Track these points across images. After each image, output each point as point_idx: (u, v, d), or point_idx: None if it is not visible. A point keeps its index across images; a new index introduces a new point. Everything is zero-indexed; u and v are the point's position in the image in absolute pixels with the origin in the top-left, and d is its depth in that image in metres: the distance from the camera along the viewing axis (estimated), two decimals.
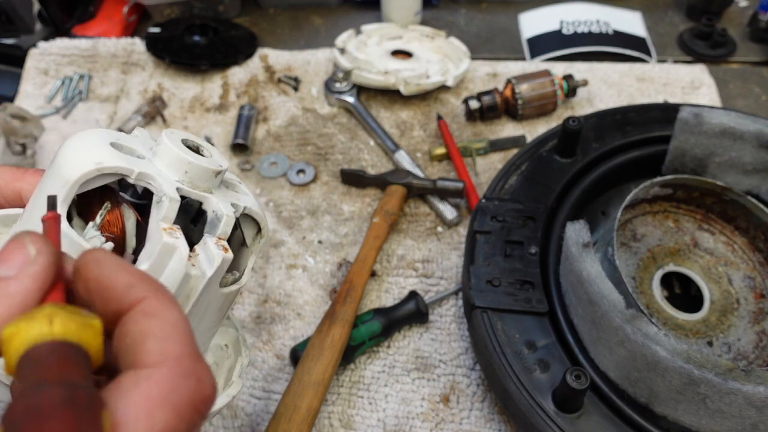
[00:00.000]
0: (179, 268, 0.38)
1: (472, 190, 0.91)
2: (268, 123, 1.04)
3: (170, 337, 0.28)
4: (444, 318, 0.81)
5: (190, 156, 0.41)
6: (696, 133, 0.76)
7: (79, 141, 0.39)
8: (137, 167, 0.39)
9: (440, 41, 1.13)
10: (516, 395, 0.62)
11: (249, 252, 0.48)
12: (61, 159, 0.38)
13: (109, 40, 1.15)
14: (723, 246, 0.80)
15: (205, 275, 0.40)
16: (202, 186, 0.42)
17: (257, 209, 0.46)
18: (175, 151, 0.41)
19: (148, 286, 0.29)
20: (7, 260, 0.29)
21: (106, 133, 0.41)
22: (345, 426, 0.73)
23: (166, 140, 0.41)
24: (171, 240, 0.38)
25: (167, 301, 0.29)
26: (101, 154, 0.38)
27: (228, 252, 0.41)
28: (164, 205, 0.39)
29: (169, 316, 0.29)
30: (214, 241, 0.41)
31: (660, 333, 0.58)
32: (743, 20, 1.19)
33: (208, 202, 0.43)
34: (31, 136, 0.96)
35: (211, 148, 0.44)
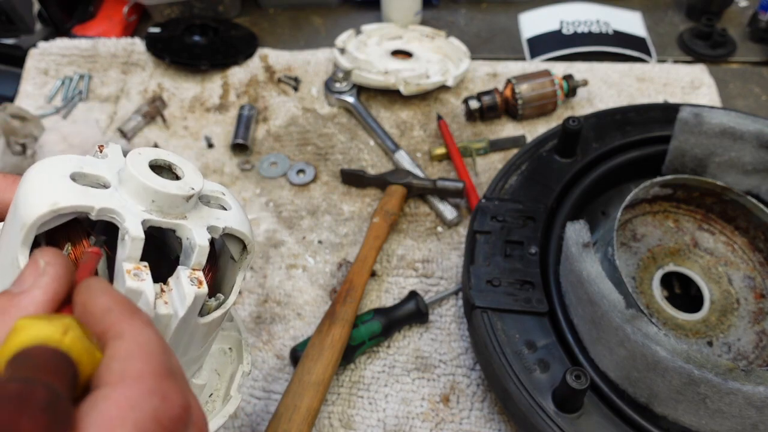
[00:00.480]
0: (147, 312, 0.36)
1: (472, 190, 0.91)
2: (268, 123, 1.04)
3: (133, 356, 0.28)
4: (444, 318, 0.81)
5: (156, 183, 0.38)
6: (696, 133, 0.76)
7: (36, 176, 0.36)
8: (97, 203, 0.36)
9: (440, 41, 1.13)
10: (516, 395, 0.62)
11: (237, 268, 0.46)
12: (20, 198, 0.36)
13: (109, 40, 1.15)
14: (723, 246, 0.80)
15: (177, 314, 0.38)
16: (174, 212, 0.39)
17: (240, 227, 0.43)
18: (140, 179, 0.38)
19: (124, 310, 0.30)
20: (21, 278, 0.31)
21: (67, 162, 0.38)
22: (345, 426, 0.73)
23: (129, 167, 0.38)
24: (135, 284, 0.36)
25: (138, 322, 0.30)
26: (57, 192, 0.35)
27: (202, 286, 0.39)
28: (127, 244, 0.36)
29: (137, 336, 0.29)
30: (188, 273, 0.39)
31: (660, 333, 0.58)
32: (743, 20, 1.19)
33: (181, 229, 0.40)
34: (31, 136, 0.96)
35: (185, 166, 0.41)
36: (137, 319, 0.30)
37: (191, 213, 0.41)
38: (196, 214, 0.41)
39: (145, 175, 0.38)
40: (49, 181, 0.36)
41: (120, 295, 0.31)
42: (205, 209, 0.42)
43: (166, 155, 0.41)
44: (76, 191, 0.36)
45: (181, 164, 0.41)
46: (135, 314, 0.30)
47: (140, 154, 0.39)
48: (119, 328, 0.29)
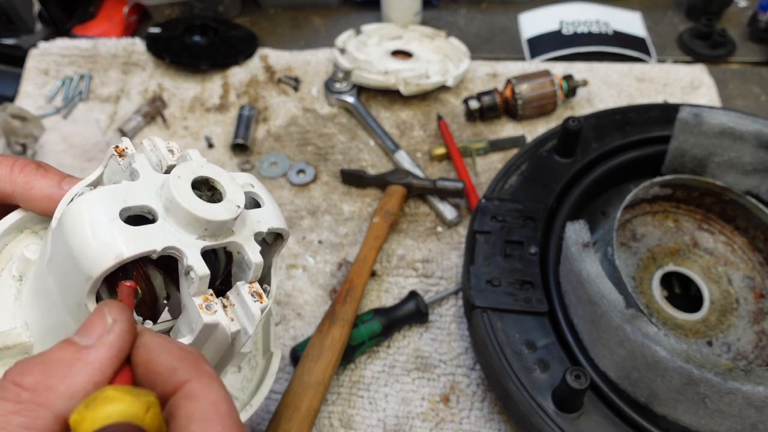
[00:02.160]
0: (222, 337, 0.38)
1: (472, 190, 0.91)
2: (268, 123, 1.04)
3: (210, 419, 0.29)
4: (444, 318, 0.81)
5: (206, 213, 0.38)
6: (696, 134, 0.77)
7: (89, 223, 0.35)
8: (158, 244, 0.36)
9: (440, 41, 1.13)
10: (516, 395, 0.62)
11: (272, 252, 0.47)
12: (76, 248, 0.35)
13: (109, 40, 1.15)
14: (723, 246, 0.80)
15: (247, 332, 0.40)
16: (223, 232, 0.40)
17: (278, 223, 0.44)
18: (191, 212, 0.37)
19: (189, 367, 0.31)
20: (87, 330, 0.31)
21: (112, 198, 0.36)
22: (345, 426, 0.73)
23: (177, 197, 0.37)
24: (211, 319, 0.37)
25: (208, 380, 0.30)
26: (118, 242, 0.35)
27: (263, 300, 0.40)
28: (195, 281, 0.37)
29: (210, 396, 0.30)
30: (248, 290, 0.40)
31: (660, 333, 0.58)
32: (743, 20, 1.19)
33: (232, 246, 0.41)
34: (31, 136, 0.96)
35: (222, 178, 0.40)
36: (205, 377, 0.30)
37: (236, 225, 0.41)
38: (241, 224, 0.41)
39: (195, 206, 0.37)
40: (104, 228, 0.35)
41: (181, 349, 0.31)
42: (244, 215, 0.42)
43: (202, 170, 0.40)
44: (135, 236, 0.36)
45: (217, 176, 0.40)
46: (201, 371, 0.30)
47: (180, 178, 0.38)
48: (190, 388, 0.30)
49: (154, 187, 0.38)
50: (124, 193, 0.37)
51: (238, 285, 0.41)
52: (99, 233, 0.35)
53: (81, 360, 0.30)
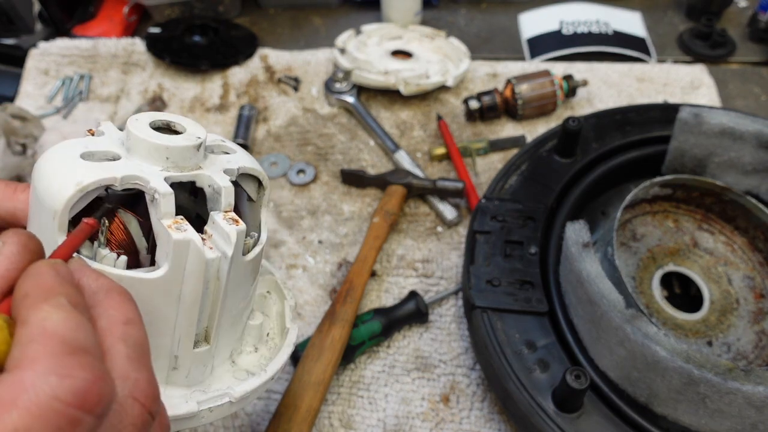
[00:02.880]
0: (199, 258, 0.38)
1: (472, 190, 0.91)
2: (268, 123, 1.04)
3: (32, 341, 0.28)
4: (444, 318, 0.81)
5: (165, 141, 0.39)
6: (696, 134, 0.77)
7: (50, 164, 0.37)
8: (118, 172, 0.37)
9: (440, 41, 1.13)
10: (516, 395, 0.62)
11: (258, 206, 0.48)
12: (41, 188, 0.37)
13: (109, 40, 1.15)
14: (723, 246, 0.80)
15: (226, 255, 0.40)
16: (189, 165, 0.41)
17: (251, 164, 0.45)
18: (149, 141, 0.39)
19: (37, 294, 0.30)
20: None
21: (73, 144, 0.39)
22: (345, 426, 0.73)
23: (134, 132, 0.39)
24: (181, 236, 0.37)
25: (47, 306, 0.29)
26: (77, 172, 0.36)
27: (239, 224, 0.40)
28: (159, 202, 0.38)
29: (42, 321, 0.29)
30: (221, 216, 0.40)
31: (660, 333, 0.58)
32: (743, 20, 1.19)
33: (201, 178, 0.41)
34: (31, 136, 0.96)
35: (183, 121, 0.42)
36: (47, 304, 0.29)
37: (204, 163, 0.42)
38: (209, 162, 0.42)
39: (152, 135, 0.39)
40: (64, 164, 0.37)
41: (45, 278, 0.31)
42: (214, 157, 0.43)
43: (161, 115, 0.41)
44: (95, 168, 0.37)
45: (178, 120, 0.42)
46: (47, 299, 0.30)
47: (138, 120, 0.40)
48: (25, 314, 0.29)
49: (118, 141, 0.40)
50: (87, 141, 0.39)
51: (212, 214, 0.40)
52: (59, 169, 0.37)
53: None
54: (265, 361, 0.49)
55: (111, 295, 0.33)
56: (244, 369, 0.48)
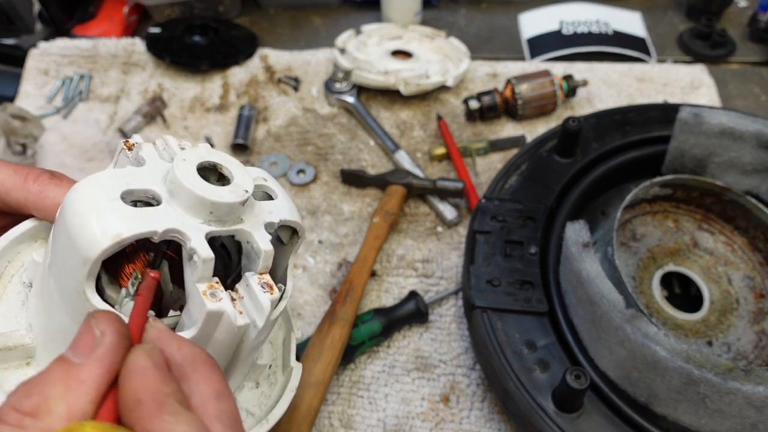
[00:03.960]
0: (229, 326, 0.37)
1: (472, 190, 0.91)
2: (268, 123, 1.04)
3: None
4: (444, 318, 0.81)
5: (212, 195, 0.36)
6: (695, 134, 0.77)
7: (88, 203, 0.34)
8: (159, 225, 0.35)
9: (440, 41, 1.13)
10: (516, 395, 0.62)
11: (288, 252, 0.45)
12: (74, 227, 0.34)
13: (109, 40, 1.15)
14: (722, 246, 0.80)
15: (256, 325, 0.38)
16: (231, 218, 0.38)
17: (292, 215, 0.42)
18: (195, 193, 0.36)
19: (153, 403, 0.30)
20: (77, 345, 0.31)
21: (113, 180, 0.35)
22: (345, 426, 0.73)
23: (181, 180, 0.36)
24: (215, 306, 0.35)
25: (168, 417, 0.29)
26: (117, 222, 0.34)
27: (274, 291, 0.38)
28: (198, 266, 0.35)
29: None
30: (257, 280, 0.38)
31: (660, 333, 0.58)
32: (743, 20, 1.19)
33: (241, 233, 0.39)
34: (31, 136, 0.97)
35: (231, 164, 0.39)
36: (166, 413, 0.29)
37: (245, 214, 0.39)
38: (250, 212, 0.40)
39: (200, 186, 0.36)
40: (104, 209, 0.34)
41: (151, 379, 0.30)
42: (256, 205, 0.41)
43: (209, 155, 0.38)
44: (135, 217, 0.34)
45: (225, 162, 0.39)
46: (163, 407, 0.30)
47: (185, 161, 0.37)
48: (149, 427, 0.29)
49: (160, 174, 0.37)
50: (127, 176, 0.36)
51: (246, 275, 0.39)
52: (98, 212, 0.33)
53: (74, 378, 0.30)
54: (265, 399, 0.47)
55: (197, 366, 0.32)
56: (244, 408, 0.46)
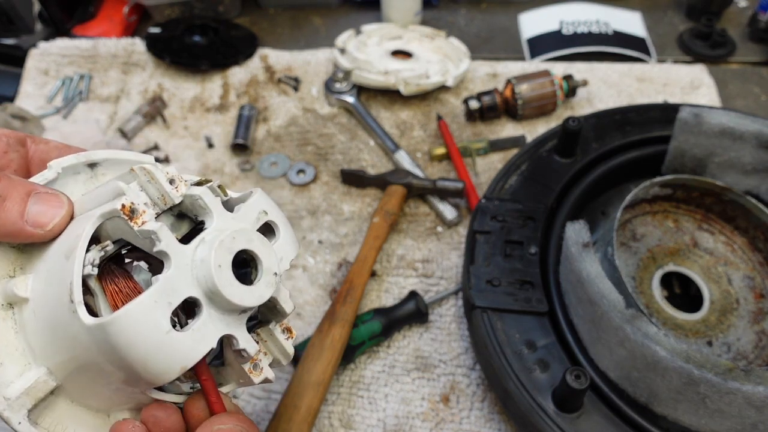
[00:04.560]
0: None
1: (472, 190, 0.91)
2: (268, 123, 1.04)
3: None
4: (444, 318, 0.81)
5: (251, 299, 0.38)
6: (696, 133, 0.77)
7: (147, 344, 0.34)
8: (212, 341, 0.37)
9: (440, 41, 1.13)
10: (516, 395, 0.62)
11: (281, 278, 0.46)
12: (138, 366, 0.34)
13: (109, 40, 1.15)
14: (723, 246, 0.80)
15: (281, 363, 0.44)
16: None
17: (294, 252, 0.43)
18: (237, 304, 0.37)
19: None
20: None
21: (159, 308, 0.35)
22: (345, 426, 0.73)
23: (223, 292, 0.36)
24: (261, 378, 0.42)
25: None
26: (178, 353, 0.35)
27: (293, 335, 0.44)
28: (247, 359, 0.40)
29: None
30: (279, 330, 0.43)
31: (660, 333, 0.58)
32: (743, 20, 1.19)
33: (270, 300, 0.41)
34: None
35: (256, 244, 0.39)
36: None
37: None
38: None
39: (241, 298, 0.37)
40: (165, 344, 0.35)
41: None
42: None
43: (235, 243, 0.38)
44: (192, 341, 0.36)
45: (251, 245, 0.39)
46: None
47: (221, 267, 0.36)
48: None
49: (188, 268, 0.37)
50: (166, 292, 0.35)
51: (270, 327, 0.43)
52: (158, 350, 0.34)
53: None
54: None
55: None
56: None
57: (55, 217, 0.37)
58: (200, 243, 0.37)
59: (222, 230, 0.38)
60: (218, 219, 0.39)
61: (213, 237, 0.37)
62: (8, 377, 0.37)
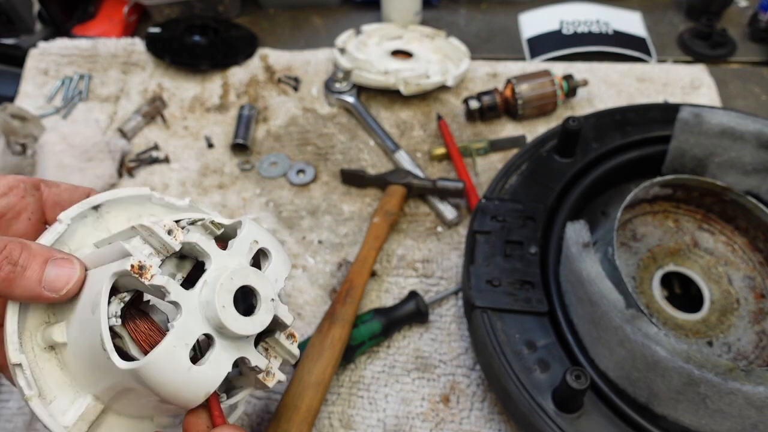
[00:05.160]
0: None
1: (472, 190, 0.91)
2: (268, 123, 1.04)
3: None
4: (444, 318, 0.81)
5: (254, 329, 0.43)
6: (696, 133, 0.76)
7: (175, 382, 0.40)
8: (228, 366, 0.42)
9: (440, 41, 1.13)
10: (516, 395, 0.62)
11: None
12: (170, 396, 0.40)
13: (109, 40, 1.15)
14: (723, 246, 0.80)
15: (290, 363, 0.49)
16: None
17: (287, 268, 0.47)
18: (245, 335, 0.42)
19: None
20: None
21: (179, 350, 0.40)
22: (345, 426, 0.73)
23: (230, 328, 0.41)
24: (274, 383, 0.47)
25: None
26: (202, 383, 0.41)
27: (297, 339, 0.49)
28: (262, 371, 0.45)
29: None
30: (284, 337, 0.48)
31: (660, 333, 0.58)
32: (743, 20, 1.19)
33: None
34: (31, 136, 0.96)
35: (251, 278, 0.44)
36: None
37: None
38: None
39: (245, 329, 0.42)
40: (190, 379, 0.40)
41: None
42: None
43: (233, 283, 0.43)
44: (212, 371, 0.42)
45: (248, 280, 0.44)
46: None
47: (225, 308, 0.41)
48: None
49: (196, 310, 0.42)
50: (182, 335, 0.41)
51: (276, 336, 0.48)
52: (186, 384, 0.40)
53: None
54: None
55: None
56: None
57: (69, 282, 0.42)
58: (203, 286, 0.42)
59: (221, 269, 0.43)
60: (215, 260, 0.44)
61: (213, 279, 0.42)
62: (62, 407, 0.43)
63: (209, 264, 0.43)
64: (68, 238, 0.46)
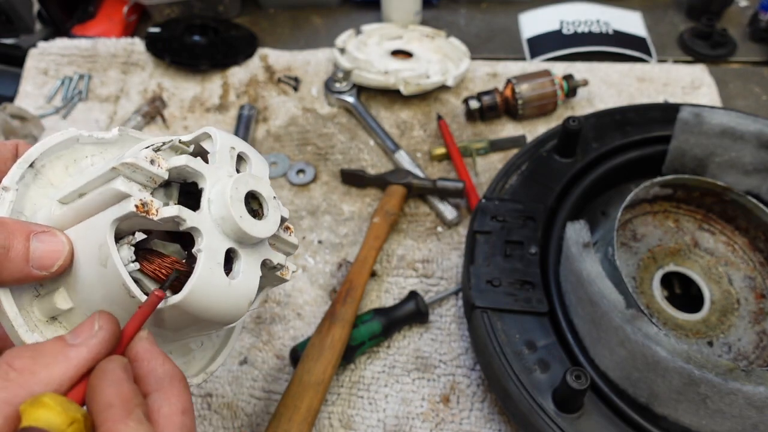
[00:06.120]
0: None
1: (472, 190, 0.91)
2: (268, 123, 1.04)
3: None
4: (444, 318, 0.81)
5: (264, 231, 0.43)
6: (696, 133, 0.76)
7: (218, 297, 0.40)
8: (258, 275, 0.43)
9: (440, 41, 1.13)
10: (516, 395, 0.62)
11: None
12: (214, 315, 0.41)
13: (109, 40, 1.15)
14: (723, 246, 0.80)
15: (290, 253, 0.49)
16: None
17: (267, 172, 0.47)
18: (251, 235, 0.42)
19: (123, 408, 0.33)
20: (77, 331, 0.36)
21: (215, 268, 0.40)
22: (345, 426, 0.73)
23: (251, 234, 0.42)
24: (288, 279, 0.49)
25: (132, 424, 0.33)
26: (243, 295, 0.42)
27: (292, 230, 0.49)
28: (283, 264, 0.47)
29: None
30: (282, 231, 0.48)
31: (660, 333, 0.58)
32: (743, 20, 1.19)
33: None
34: (30, 136, 0.96)
35: (259, 188, 0.44)
36: (131, 420, 0.33)
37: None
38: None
39: (264, 231, 0.43)
40: (231, 291, 0.41)
41: (125, 388, 0.34)
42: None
43: (247, 187, 0.43)
44: (248, 282, 0.42)
45: (253, 183, 0.44)
46: (130, 414, 0.33)
47: (242, 217, 0.41)
48: (114, 428, 0.32)
49: (212, 228, 0.41)
50: (212, 256, 0.41)
51: (276, 233, 0.47)
52: (230, 300, 0.41)
53: (63, 355, 0.35)
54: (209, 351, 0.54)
55: (173, 383, 0.37)
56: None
57: (59, 257, 0.40)
58: (210, 204, 0.41)
59: (218, 183, 0.42)
60: (209, 176, 0.42)
61: (219, 194, 0.41)
62: None
63: (205, 182, 0.42)
64: (20, 205, 0.43)
